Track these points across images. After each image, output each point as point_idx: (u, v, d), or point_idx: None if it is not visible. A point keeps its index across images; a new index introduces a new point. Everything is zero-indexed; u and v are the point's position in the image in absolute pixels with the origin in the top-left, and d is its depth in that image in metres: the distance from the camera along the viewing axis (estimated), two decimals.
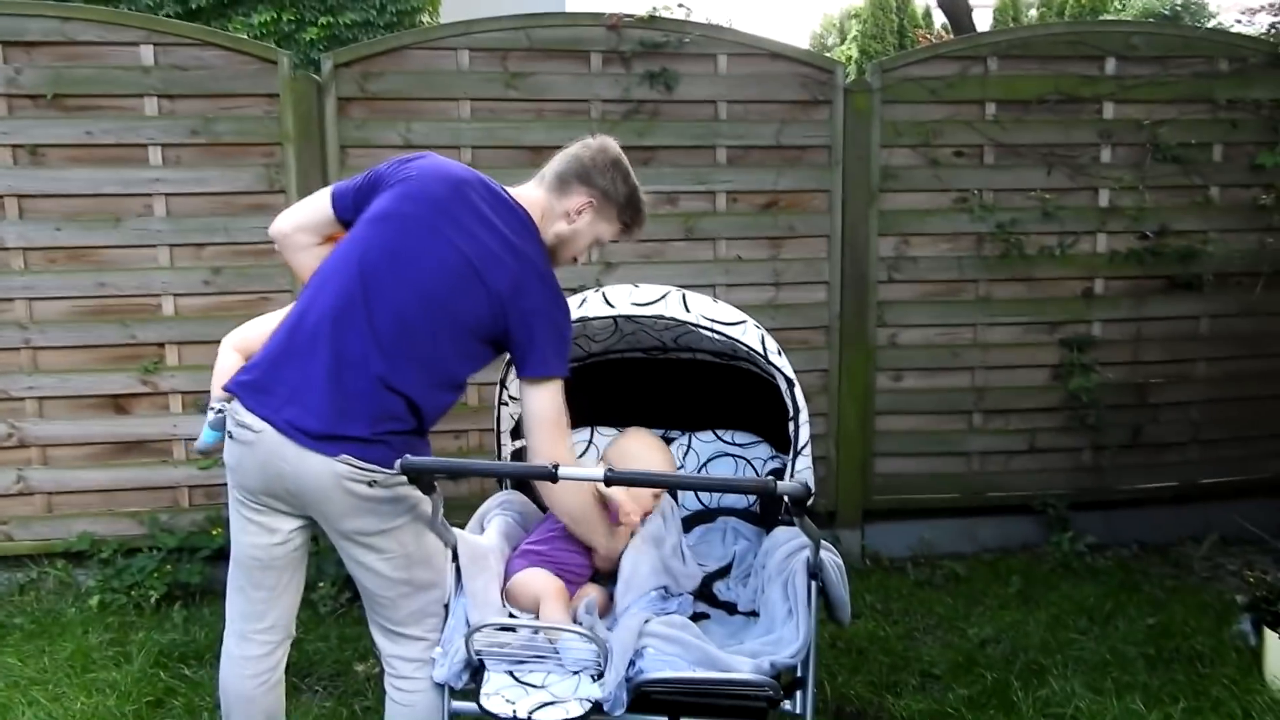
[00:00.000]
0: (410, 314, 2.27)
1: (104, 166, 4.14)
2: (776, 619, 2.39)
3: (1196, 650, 3.63)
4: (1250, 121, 4.70)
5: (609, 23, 4.33)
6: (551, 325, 2.36)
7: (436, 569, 2.40)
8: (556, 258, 2.49)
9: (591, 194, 2.47)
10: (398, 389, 2.26)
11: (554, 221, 2.46)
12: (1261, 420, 4.93)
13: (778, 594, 2.43)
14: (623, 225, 2.56)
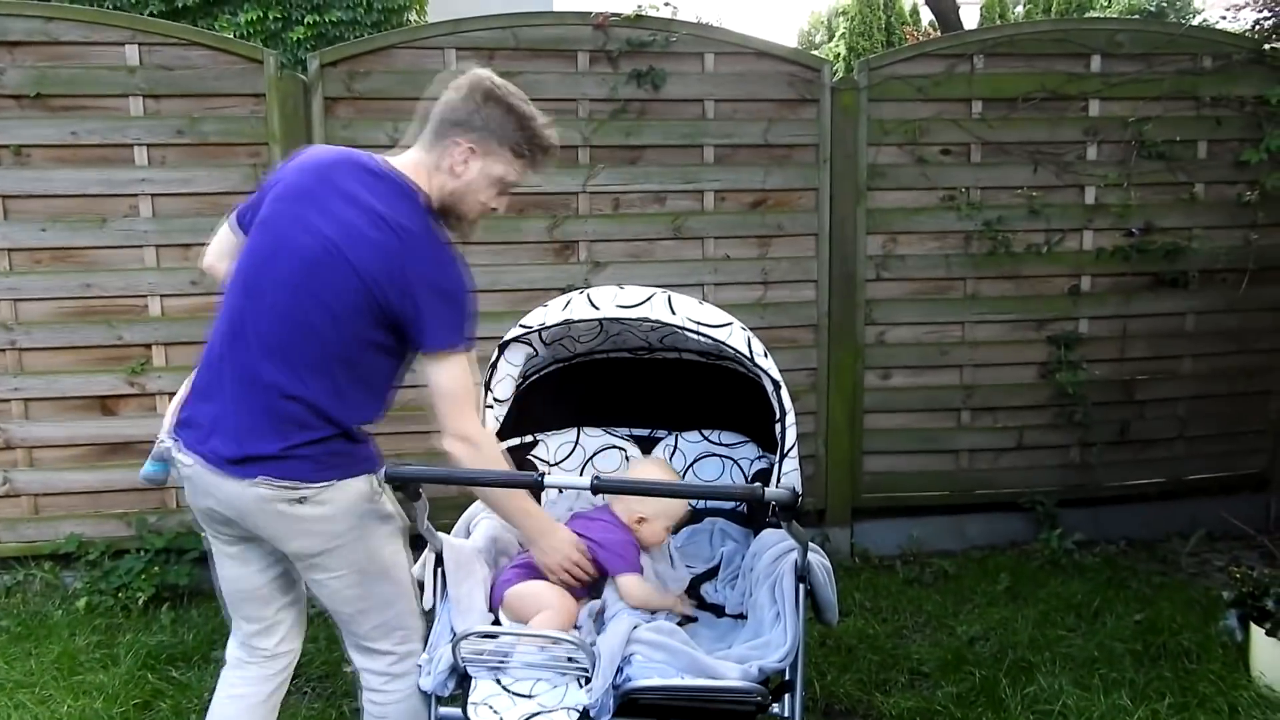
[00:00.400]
0: (287, 314, 2.17)
1: (89, 167, 4.12)
2: (764, 622, 2.40)
3: (1183, 646, 3.65)
4: (1234, 118, 4.72)
5: (596, 22, 4.32)
6: (438, 294, 2.17)
7: (396, 581, 2.34)
8: (458, 216, 2.32)
9: (469, 138, 2.24)
10: (297, 396, 2.16)
11: (440, 179, 2.27)
12: (1247, 416, 4.96)
13: (765, 597, 2.43)
14: (521, 158, 2.30)
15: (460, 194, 2.28)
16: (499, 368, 2.88)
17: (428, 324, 2.17)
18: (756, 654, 2.27)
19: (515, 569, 2.55)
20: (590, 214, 4.42)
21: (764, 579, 2.49)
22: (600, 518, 2.71)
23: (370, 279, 2.13)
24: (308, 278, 2.15)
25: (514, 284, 4.39)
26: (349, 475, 2.25)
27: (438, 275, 2.18)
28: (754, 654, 2.27)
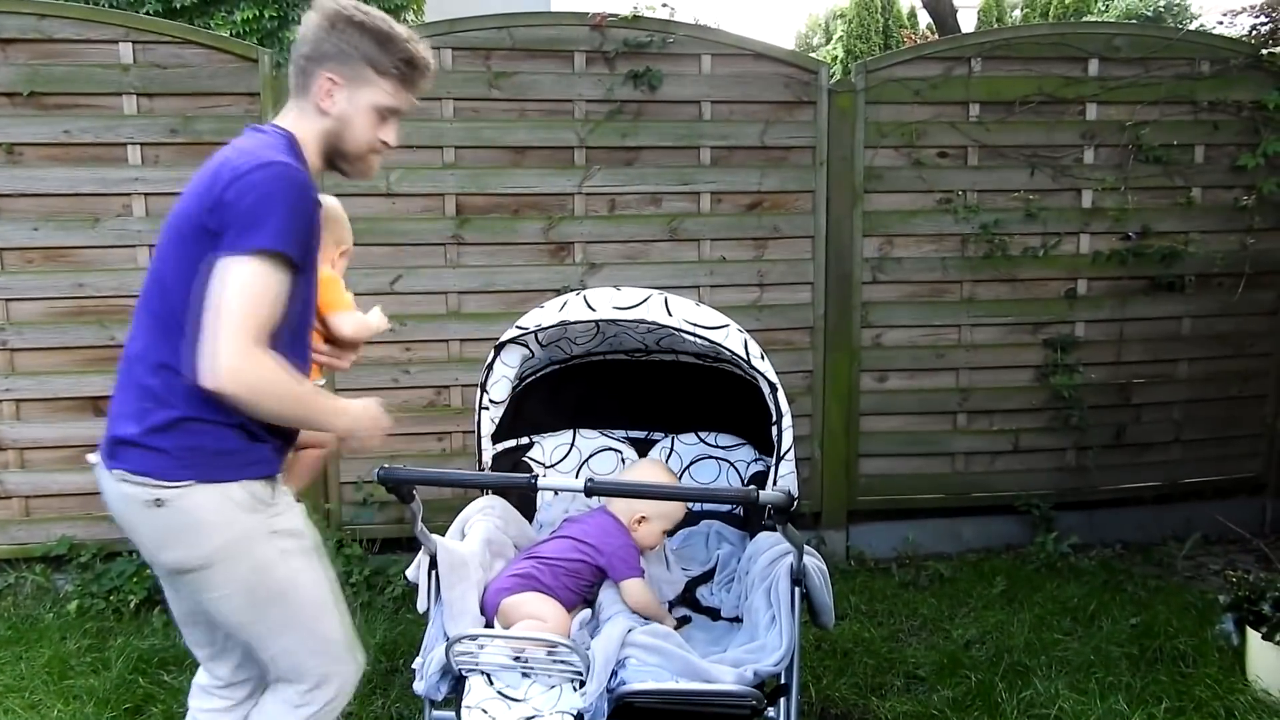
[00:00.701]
0: (151, 276, 2.04)
1: (82, 166, 4.09)
2: (760, 625, 2.38)
3: (1179, 650, 3.63)
4: (1231, 123, 4.72)
5: (593, 22, 4.31)
6: (262, 196, 1.89)
7: (296, 605, 2.08)
8: (346, 157, 2.16)
9: (328, 69, 2.06)
10: (156, 362, 1.96)
11: (312, 123, 2.10)
12: (1242, 420, 4.96)
13: (761, 600, 2.42)
14: (394, 78, 2.11)
15: (337, 132, 2.11)
16: (495, 369, 2.86)
17: (241, 220, 1.88)
18: (752, 658, 2.25)
19: (513, 577, 2.53)
20: (586, 215, 4.41)
21: (759, 582, 2.47)
22: (596, 520, 2.70)
23: (209, 197, 1.92)
24: (165, 239, 2.02)
25: (509, 285, 4.38)
26: (218, 479, 1.97)
27: (271, 179, 1.91)
28: (749, 658, 2.26)
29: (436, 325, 4.37)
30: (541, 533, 3.02)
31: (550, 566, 2.54)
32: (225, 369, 1.84)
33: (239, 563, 2.00)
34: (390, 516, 4.39)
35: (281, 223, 1.90)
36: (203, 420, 1.94)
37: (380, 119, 2.15)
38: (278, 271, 1.90)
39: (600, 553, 2.58)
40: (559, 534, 2.72)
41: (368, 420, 2.14)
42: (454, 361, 4.39)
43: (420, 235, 4.31)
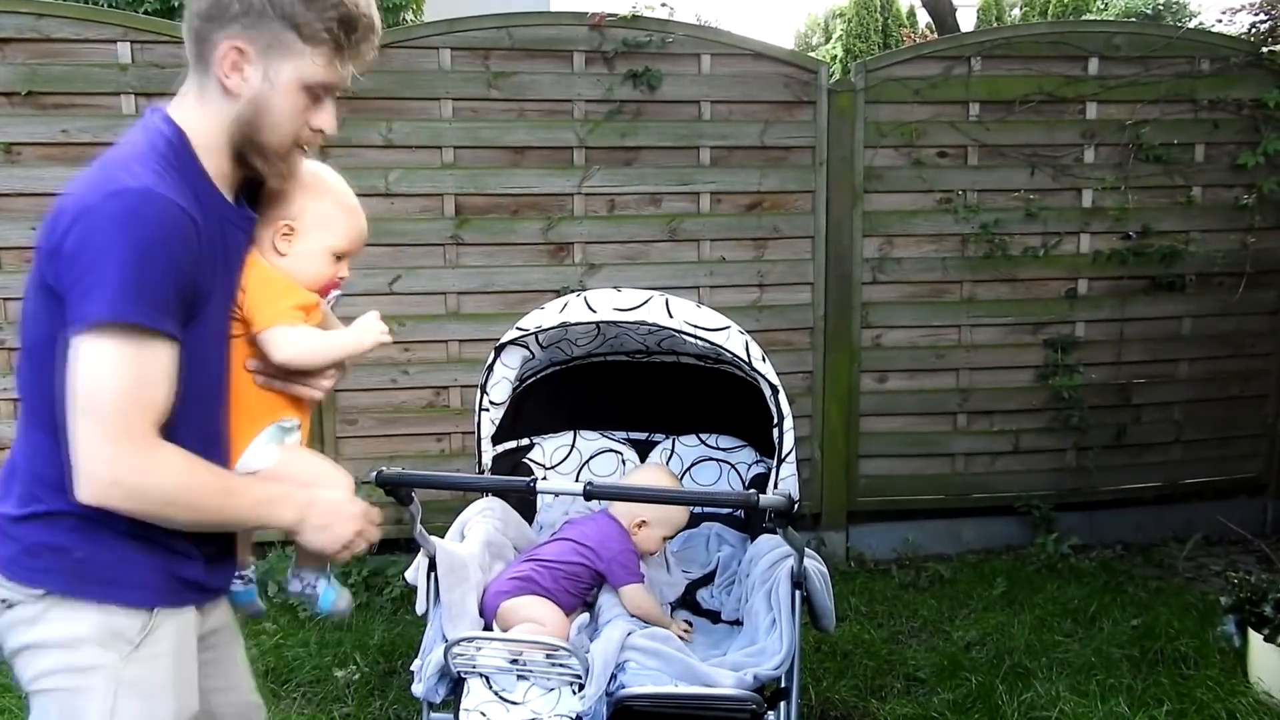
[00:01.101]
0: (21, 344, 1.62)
1: (80, 165, 4.00)
2: (760, 629, 2.37)
3: (1181, 652, 3.63)
4: (1232, 121, 4.71)
5: (592, 22, 4.29)
6: (100, 246, 1.40)
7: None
8: (263, 153, 1.61)
9: (232, 36, 1.53)
10: (17, 435, 1.63)
11: (216, 108, 1.57)
12: (1243, 420, 4.95)
13: (761, 603, 2.41)
14: (317, 41, 1.56)
15: (251, 119, 1.57)
16: (495, 370, 2.85)
17: (70, 287, 1.42)
18: (752, 661, 2.24)
19: (512, 580, 2.51)
20: (585, 215, 4.39)
21: (760, 585, 2.46)
22: (597, 523, 2.68)
23: (38, 252, 1.50)
24: (25, 295, 1.60)
25: (508, 286, 4.37)
26: (78, 594, 1.52)
27: (102, 221, 1.41)
28: (749, 661, 2.25)
29: (435, 326, 4.35)
30: (541, 534, 3.00)
31: (550, 569, 2.53)
32: (105, 481, 1.43)
33: (58, 698, 1.54)
34: (389, 517, 4.34)
35: (124, 280, 1.39)
36: (60, 515, 1.52)
37: (310, 99, 1.61)
38: (138, 346, 1.42)
39: (600, 557, 2.57)
40: (559, 536, 2.71)
41: (331, 510, 1.69)
42: (453, 362, 4.38)
43: (419, 235, 4.30)
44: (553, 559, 2.57)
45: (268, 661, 3.59)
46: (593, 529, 2.66)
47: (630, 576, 2.57)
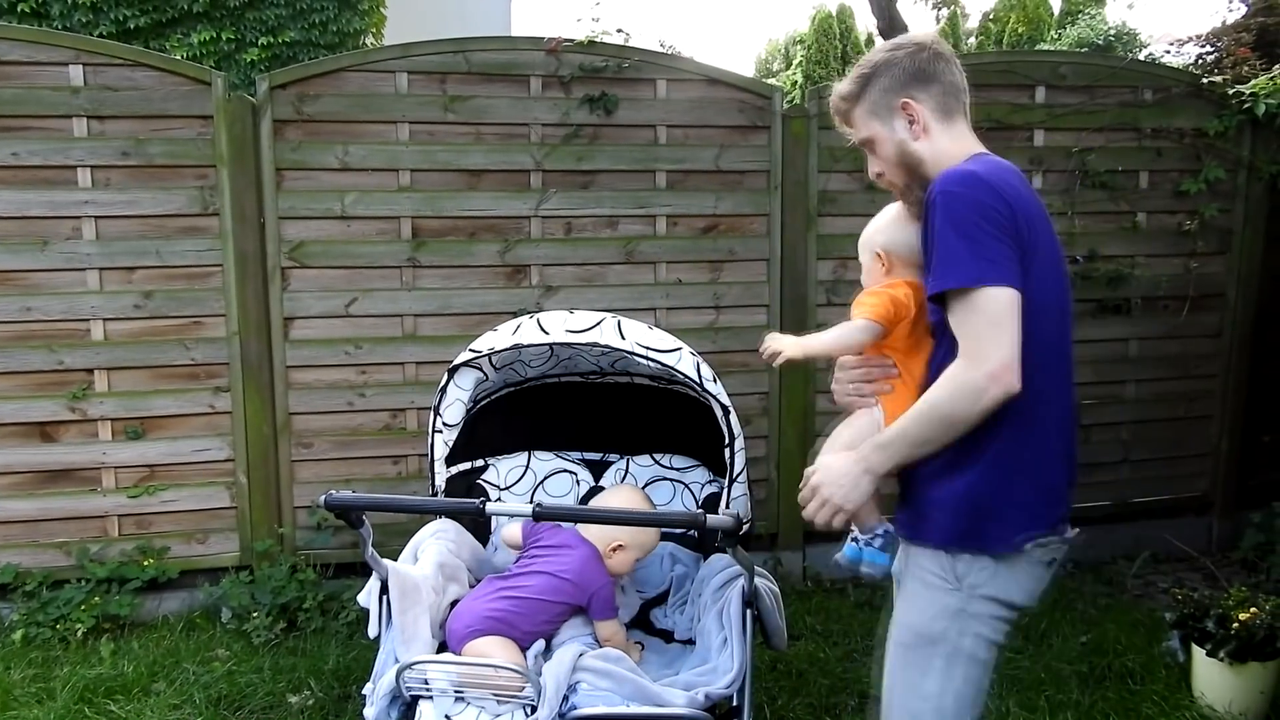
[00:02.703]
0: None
1: (31, 188, 4.04)
2: (712, 648, 2.39)
3: (1128, 667, 3.69)
4: (1174, 149, 4.84)
5: (548, 47, 4.34)
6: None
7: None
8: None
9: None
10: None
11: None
12: (1189, 440, 5.06)
13: (713, 623, 2.43)
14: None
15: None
16: (448, 392, 2.86)
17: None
18: (704, 680, 2.26)
19: (489, 618, 2.48)
20: (542, 238, 4.42)
21: (712, 605, 2.48)
22: (575, 552, 2.65)
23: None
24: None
25: (465, 308, 4.37)
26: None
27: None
28: (701, 680, 2.27)
29: (393, 348, 4.35)
30: (497, 555, 3.00)
31: (529, 608, 2.52)
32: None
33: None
34: (345, 541, 4.36)
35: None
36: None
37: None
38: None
39: (581, 591, 2.57)
40: (537, 568, 2.65)
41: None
42: (410, 384, 4.38)
43: (376, 258, 4.30)
44: (533, 595, 2.55)
45: (220, 688, 3.55)
46: (572, 560, 2.63)
47: (610, 612, 2.59)
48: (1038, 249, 1.87)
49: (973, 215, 1.80)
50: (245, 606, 4.07)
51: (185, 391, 4.22)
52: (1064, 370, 1.98)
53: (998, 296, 1.79)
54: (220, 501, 4.29)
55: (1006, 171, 1.92)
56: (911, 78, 1.99)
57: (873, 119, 2.03)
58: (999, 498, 1.91)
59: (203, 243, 4.17)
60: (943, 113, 1.99)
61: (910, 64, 1.99)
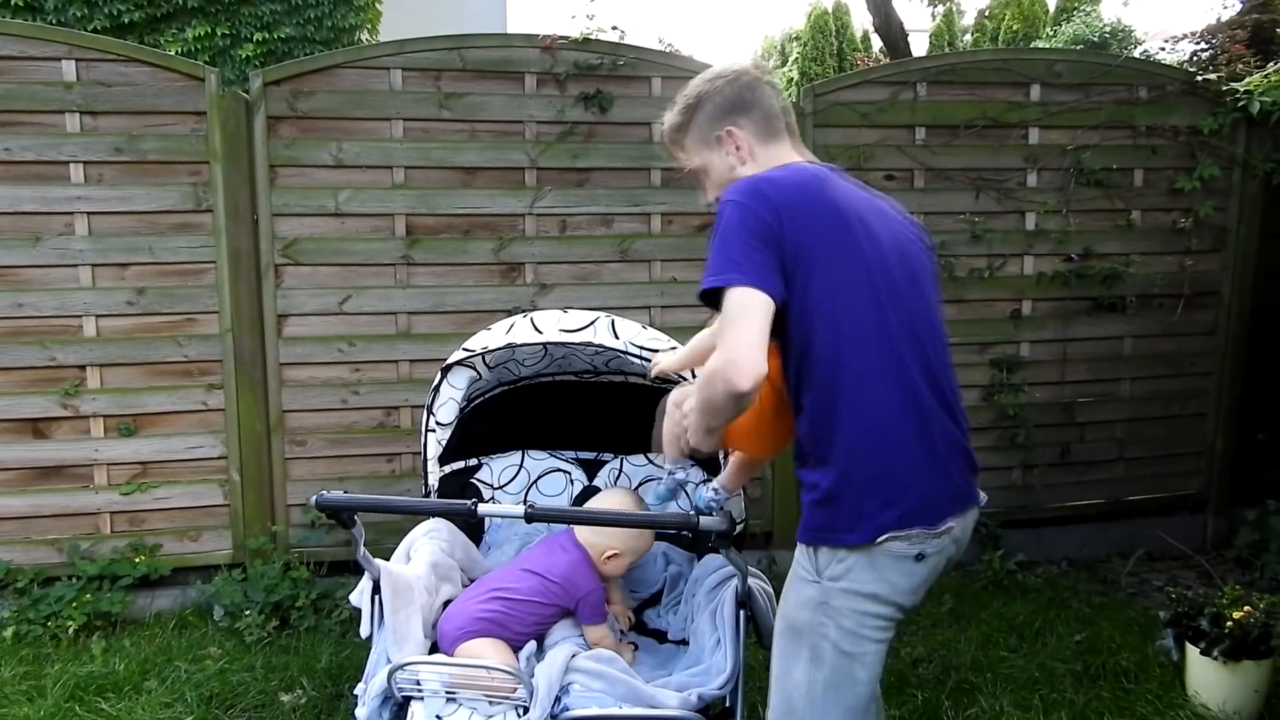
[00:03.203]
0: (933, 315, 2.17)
1: (23, 184, 4.02)
2: (705, 649, 2.38)
3: (1122, 666, 3.69)
4: (1169, 147, 4.84)
5: (543, 44, 4.32)
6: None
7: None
8: None
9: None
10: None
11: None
12: (1183, 438, 5.06)
13: (706, 623, 2.42)
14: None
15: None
16: (442, 391, 2.85)
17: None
18: (697, 681, 2.26)
19: (480, 620, 2.47)
20: (537, 236, 4.41)
21: (705, 605, 2.48)
22: (567, 555, 2.64)
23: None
24: (926, 280, 2.14)
25: (459, 305, 4.36)
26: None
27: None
28: (694, 681, 2.26)
29: (386, 346, 4.34)
30: (490, 555, 3.00)
31: (520, 606, 2.51)
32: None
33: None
34: (338, 539, 4.34)
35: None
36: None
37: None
38: None
39: (570, 595, 2.56)
40: (527, 566, 2.64)
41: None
42: (404, 382, 4.36)
43: (370, 256, 4.29)
44: (523, 597, 2.54)
45: (212, 686, 3.54)
46: (561, 562, 2.61)
47: (598, 617, 2.57)
48: (828, 240, 1.93)
49: (734, 222, 1.93)
50: (238, 604, 4.06)
51: (178, 388, 4.20)
52: (896, 348, 1.95)
53: (737, 296, 1.87)
54: (213, 499, 4.28)
55: (799, 176, 2.00)
56: (732, 106, 2.10)
57: (702, 147, 2.14)
58: (846, 490, 1.94)
59: (196, 239, 4.16)
60: (764, 136, 2.11)
61: (729, 92, 2.10)
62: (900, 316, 1.97)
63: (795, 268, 1.91)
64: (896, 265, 2.00)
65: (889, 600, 1.98)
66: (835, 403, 1.93)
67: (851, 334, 1.93)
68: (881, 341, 1.95)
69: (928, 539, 1.95)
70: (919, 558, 1.96)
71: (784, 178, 1.99)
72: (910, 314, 2.00)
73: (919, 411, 1.97)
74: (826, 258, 1.93)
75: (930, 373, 2.00)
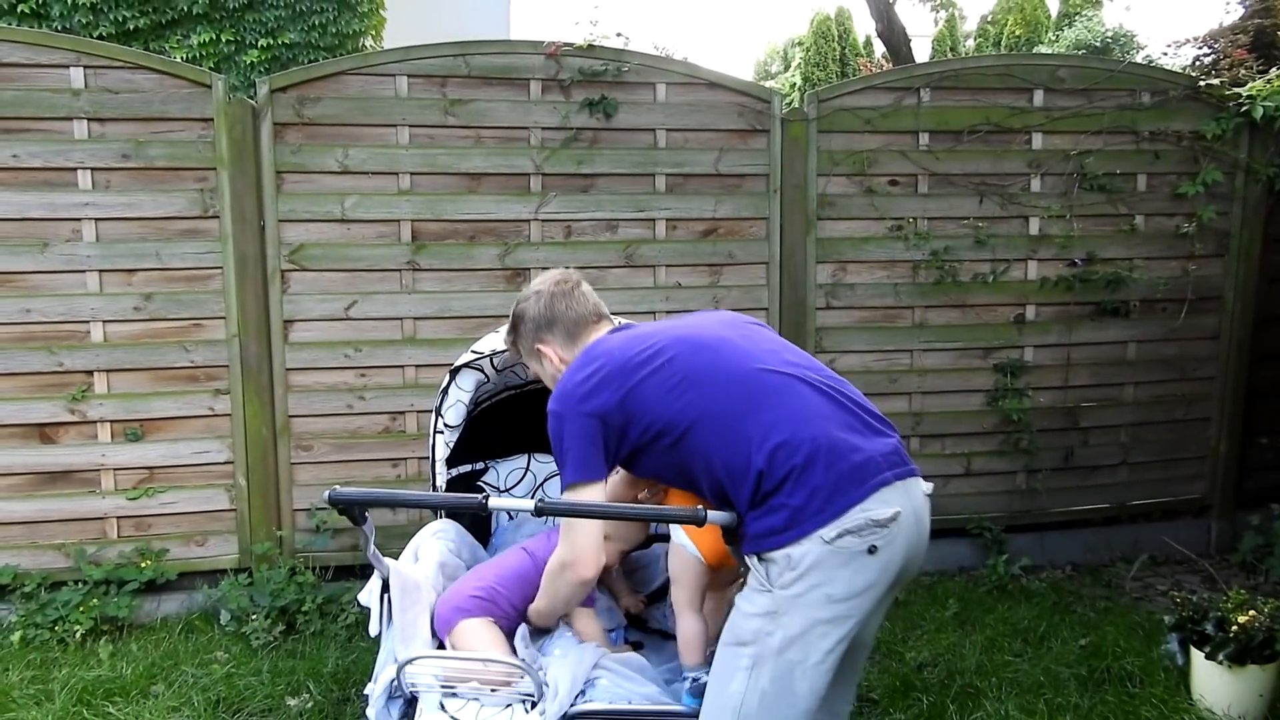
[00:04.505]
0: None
1: (31, 190, 4.04)
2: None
3: (1127, 670, 3.69)
4: (1172, 152, 4.85)
5: (548, 50, 4.34)
6: None
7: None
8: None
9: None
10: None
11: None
12: (1187, 443, 5.07)
13: None
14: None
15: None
16: (450, 394, 2.86)
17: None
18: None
19: (474, 598, 2.49)
20: (542, 241, 4.42)
21: None
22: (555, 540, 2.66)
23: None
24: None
25: (464, 311, 4.38)
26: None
27: None
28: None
29: (392, 351, 4.35)
30: (496, 555, 3.00)
31: (509, 583, 2.53)
32: None
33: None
34: (343, 544, 4.36)
35: None
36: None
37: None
38: None
39: None
40: (521, 545, 2.69)
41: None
42: (409, 387, 4.38)
43: (376, 261, 4.30)
44: (513, 571, 2.56)
45: (219, 691, 3.55)
46: (553, 543, 2.63)
47: (586, 601, 2.58)
48: (637, 383, 2.12)
49: (563, 431, 2.13)
50: (244, 609, 4.07)
51: (185, 394, 4.22)
52: (731, 391, 2.10)
53: (584, 493, 2.12)
54: (219, 504, 4.29)
55: (592, 361, 2.19)
56: (538, 326, 2.43)
57: (530, 358, 2.49)
58: (778, 500, 2.00)
59: (203, 245, 4.18)
60: (570, 341, 2.41)
61: (535, 313, 2.43)
62: (722, 350, 2.18)
63: (623, 403, 2.12)
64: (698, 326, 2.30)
65: (842, 599, 2.00)
66: (717, 435, 2.08)
67: (697, 387, 2.12)
68: (720, 378, 2.13)
69: (880, 531, 2.00)
70: (872, 550, 2.00)
71: (590, 359, 2.21)
72: (722, 347, 2.19)
73: (805, 410, 2.11)
74: (659, 365, 2.15)
75: (771, 372, 2.15)
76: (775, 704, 2.00)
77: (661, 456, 2.12)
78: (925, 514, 2.14)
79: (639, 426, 2.09)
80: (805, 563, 1.97)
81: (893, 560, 2.05)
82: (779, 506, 1.98)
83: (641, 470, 2.22)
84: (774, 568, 2.00)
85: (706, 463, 2.07)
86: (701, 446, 2.06)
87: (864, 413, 2.16)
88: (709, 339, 2.20)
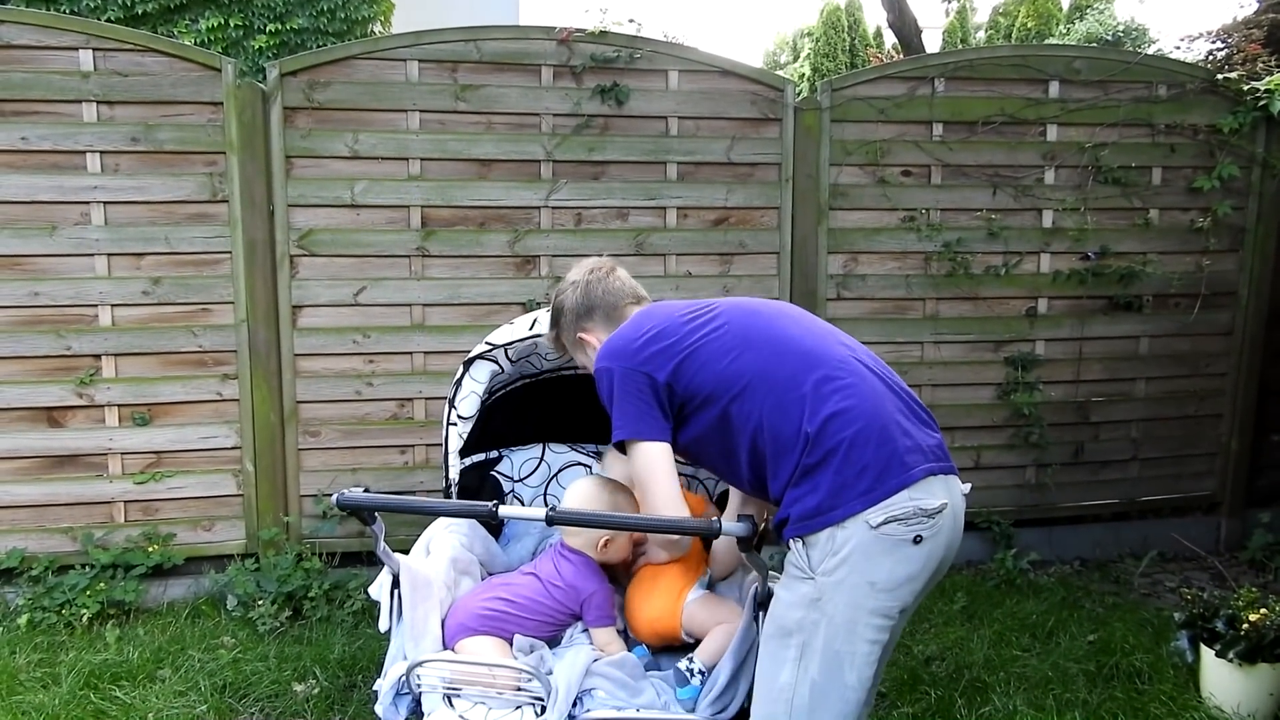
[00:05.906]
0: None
1: (40, 173, 4.02)
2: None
3: (1136, 667, 3.68)
4: (1188, 145, 4.81)
5: (560, 36, 4.31)
6: None
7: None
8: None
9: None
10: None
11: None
12: (1198, 439, 5.04)
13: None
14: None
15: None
16: (464, 385, 2.84)
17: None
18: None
19: (481, 616, 2.43)
20: (552, 229, 4.40)
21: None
22: (565, 559, 2.60)
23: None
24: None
25: (474, 298, 4.36)
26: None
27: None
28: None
29: (401, 338, 4.34)
30: (509, 547, 2.99)
31: (522, 608, 2.47)
32: None
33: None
34: (350, 530, 4.35)
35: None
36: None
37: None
38: None
39: (574, 598, 2.52)
40: (531, 569, 2.61)
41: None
42: (418, 374, 4.36)
43: (385, 247, 4.28)
44: (527, 598, 2.50)
45: (225, 676, 3.55)
46: (564, 568, 2.57)
47: (606, 619, 2.53)
48: (691, 345, 2.14)
49: (613, 387, 2.15)
50: (251, 594, 4.06)
51: (193, 378, 4.21)
52: (786, 357, 2.09)
53: (643, 450, 2.12)
54: (226, 489, 4.29)
55: (646, 320, 2.24)
56: (577, 316, 2.46)
57: (575, 349, 2.52)
58: (822, 475, 1.97)
59: (211, 230, 4.16)
60: (610, 325, 2.41)
61: (574, 303, 2.45)
62: (768, 330, 2.17)
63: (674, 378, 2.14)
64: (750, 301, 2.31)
65: (886, 588, 1.96)
66: (760, 417, 2.07)
67: (751, 361, 2.13)
68: (777, 354, 2.13)
69: (926, 521, 1.97)
70: (917, 540, 1.96)
71: (641, 321, 2.25)
72: (771, 324, 2.19)
73: (846, 393, 2.07)
74: (703, 345, 2.16)
75: (817, 354, 2.12)
76: (825, 695, 1.96)
77: (707, 423, 2.09)
78: (962, 514, 2.11)
79: (690, 388, 2.08)
80: (848, 546, 1.93)
81: (934, 554, 2.02)
82: (822, 482, 1.94)
83: (683, 437, 2.17)
84: (815, 551, 1.95)
85: (754, 429, 2.02)
86: (752, 411, 2.03)
87: (915, 403, 2.12)
88: (764, 310, 2.22)
